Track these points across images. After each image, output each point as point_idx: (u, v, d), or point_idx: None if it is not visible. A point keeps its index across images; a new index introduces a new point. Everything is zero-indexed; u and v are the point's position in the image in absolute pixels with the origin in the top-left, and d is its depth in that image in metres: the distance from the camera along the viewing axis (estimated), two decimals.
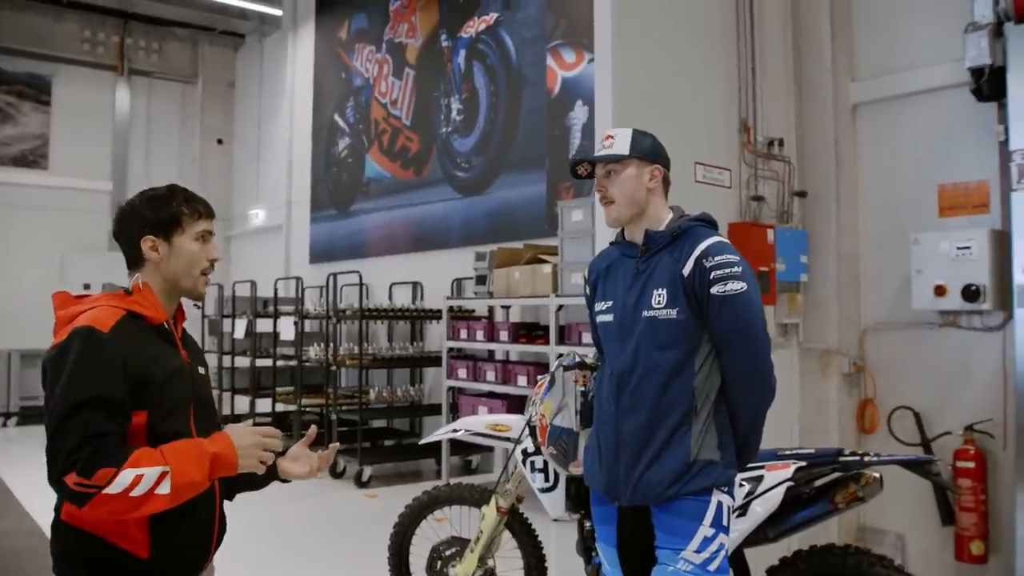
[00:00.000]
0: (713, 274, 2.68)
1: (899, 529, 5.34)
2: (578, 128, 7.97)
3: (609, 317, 2.90)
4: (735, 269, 2.70)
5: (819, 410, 5.48)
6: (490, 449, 8.55)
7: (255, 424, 2.26)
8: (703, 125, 5.05)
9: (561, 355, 6.51)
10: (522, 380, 7.14)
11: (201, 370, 2.33)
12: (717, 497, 2.74)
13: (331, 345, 9.16)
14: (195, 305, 2.49)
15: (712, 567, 2.70)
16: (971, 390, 5.09)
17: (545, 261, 7.12)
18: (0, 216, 13.69)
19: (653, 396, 2.74)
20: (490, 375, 7.49)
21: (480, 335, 7.67)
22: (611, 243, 3.05)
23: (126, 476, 1.90)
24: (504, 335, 7.44)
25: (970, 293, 4.90)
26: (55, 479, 1.94)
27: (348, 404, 9.14)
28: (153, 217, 2.23)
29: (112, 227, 2.31)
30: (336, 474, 8.64)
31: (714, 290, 2.68)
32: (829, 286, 5.57)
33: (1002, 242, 4.92)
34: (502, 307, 8.27)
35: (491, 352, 8.29)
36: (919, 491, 5.10)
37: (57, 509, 2.12)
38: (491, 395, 7.71)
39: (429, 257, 9.99)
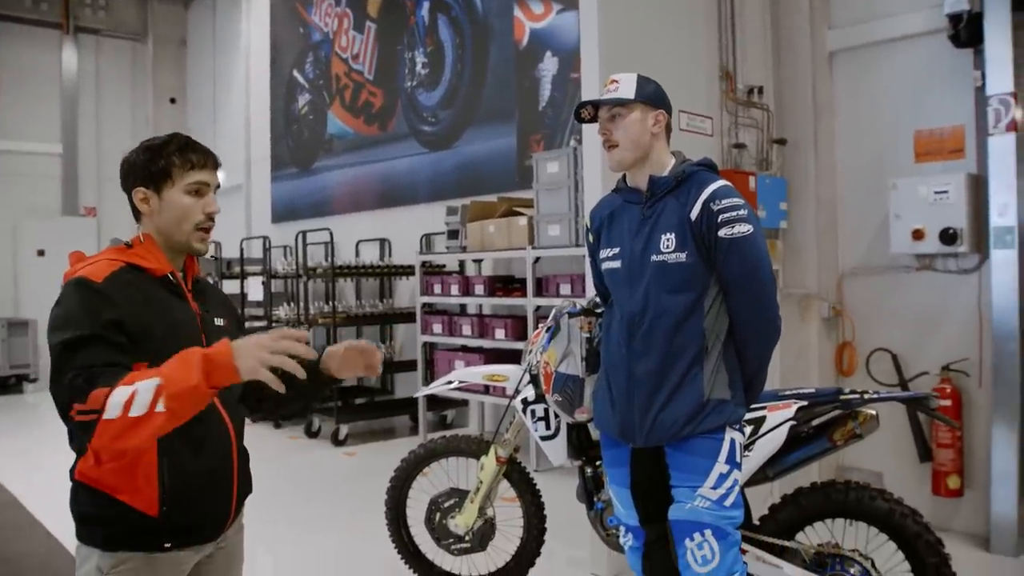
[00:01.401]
0: (720, 217, 2.72)
1: (877, 467, 5.47)
2: (548, 80, 7.93)
3: (616, 264, 2.91)
4: (741, 212, 2.74)
5: (800, 354, 5.57)
6: (465, 403, 8.59)
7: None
8: (685, 73, 5.04)
9: (539, 306, 6.59)
10: (500, 333, 7.17)
11: (219, 321, 2.27)
12: (730, 435, 2.80)
13: (300, 304, 9.09)
14: (212, 256, 2.41)
15: (728, 502, 2.77)
16: (947, 331, 5.20)
17: (520, 214, 7.11)
18: None
19: (665, 339, 2.78)
20: (466, 329, 7.50)
21: (455, 290, 7.66)
22: (613, 190, 3.06)
23: (120, 394, 1.76)
24: (479, 289, 7.44)
25: (947, 236, 5.00)
26: (64, 418, 1.86)
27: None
28: (143, 169, 2.14)
29: None
30: (311, 433, 8.63)
31: (722, 232, 2.71)
32: (808, 232, 5.63)
33: (977, 186, 5.01)
34: (474, 261, 8.26)
35: (463, 307, 8.30)
36: (897, 429, 5.25)
37: (72, 470, 2.09)
38: (466, 349, 7.73)
39: (396, 213, 9.92)
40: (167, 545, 2.07)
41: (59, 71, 14.37)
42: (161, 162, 2.13)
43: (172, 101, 15.25)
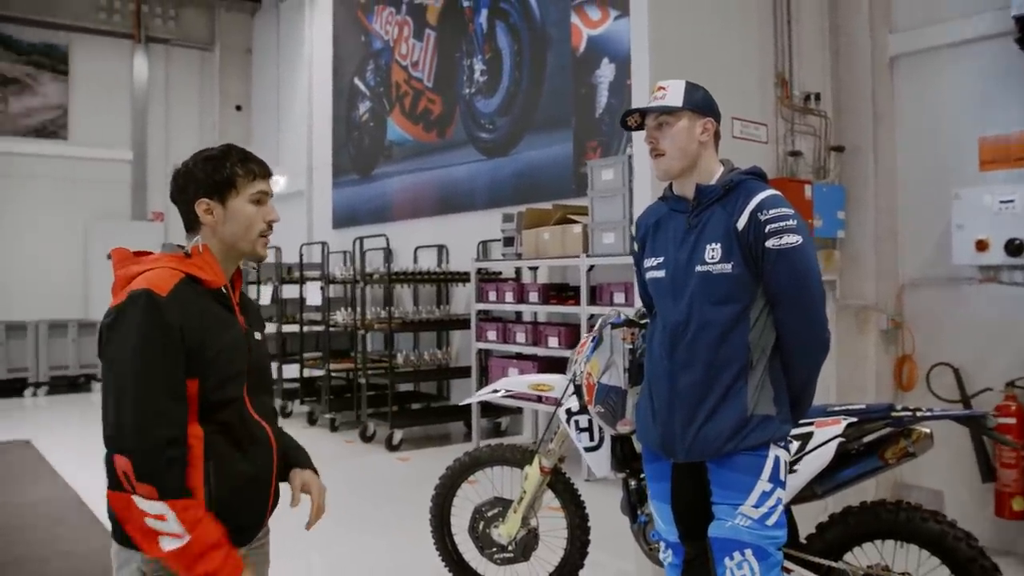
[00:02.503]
0: (768, 227, 2.65)
1: (937, 486, 5.30)
2: (605, 87, 7.88)
3: (661, 273, 2.86)
4: (790, 223, 2.66)
5: (856, 367, 5.43)
6: (519, 411, 8.57)
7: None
8: (739, 79, 4.96)
9: (593, 315, 6.54)
10: (553, 341, 7.13)
11: (258, 335, 2.30)
12: (774, 452, 2.72)
13: (358, 309, 9.16)
14: (252, 267, 2.46)
15: (770, 522, 2.69)
16: (1012, 345, 5.02)
17: (575, 221, 7.07)
18: (22, 187, 13.76)
19: (708, 351, 2.71)
20: (520, 336, 7.48)
21: (509, 297, 7.65)
22: (660, 198, 3.00)
23: (157, 508, 1.92)
24: (534, 296, 7.41)
25: (1013, 247, 4.82)
26: (109, 449, 1.97)
27: (375, 368, 9.16)
28: (207, 179, 2.16)
29: (169, 190, 2.25)
30: (366, 438, 8.69)
31: (769, 243, 2.64)
32: (866, 242, 5.49)
33: None
34: (530, 268, 8.24)
35: (519, 314, 8.28)
36: (958, 447, 5.07)
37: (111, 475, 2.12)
38: (520, 356, 7.71)
39: (454, 220, 9.96)
40: None
41: (130, 80, 14.77)
42: (225, 172, 2.16)
43: (238, 108, 15.55)
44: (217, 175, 2.16)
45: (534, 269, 8.25)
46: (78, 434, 9.57)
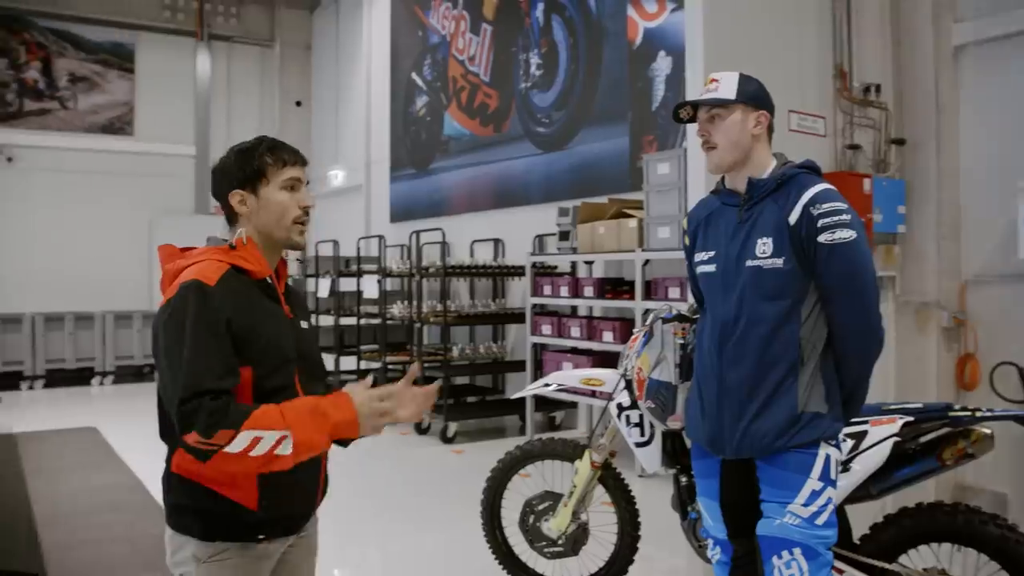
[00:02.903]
0: (821, 222, 2.60)
1: (1001, 488, 5.17)
2: (661, 80, 7.82)
3: (711, 267, 2.83)
4: (844, 217, 2.61)
5: (917, 366, 5.32)
6: (574, 405, 8.57)
7: (373, 382, 2.22)
8: (796, 71, 4.89)
9: (648, 310, 6.50)
10: (608, 336, 7.11)
11: (305, 324, 2.33)
12: (825, 450, 2.68)
13: (414, 302, 9.23)
14: (297, 259, 2.48)
15: (819, 521, 2.65)
16: None
17: (630, 215, 7.03)
18: (91, 183, 14.11)
19: (758, 347, 2.68)
20: (575, 331, 7.47)
21: (564, 291, 7.64)
22: (711, 192, 2.97)
23: (244, 437, 1.92)
24: (589, 291, 7.39)
25: None
26: (179, 437, 1.98)
27: (431, 361, 9.22)
28: (238, 171, 2.20)
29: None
30: (421, 430, 8.76)
31: (822, 238, 2.60)
32: (928, 237, 5.37)
33: None
34: (585, 262, 8.22)
35: (574, 308, 8.27)
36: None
37: (168, 461, 2.16)
38: (575, 351, 7.70)
39: (510, 214, 9.97)
40: (261, 537, 2.14)
41: (193, 76, 15.05)
42: (255, 163, 2.19)
43: (298, 104, 15.74)
44: (247, 166, 2.20)
45: (589, 263, 8.22)
46: (141, 422, 9.69)
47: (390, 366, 9.68)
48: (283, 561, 2.25)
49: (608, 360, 6.95)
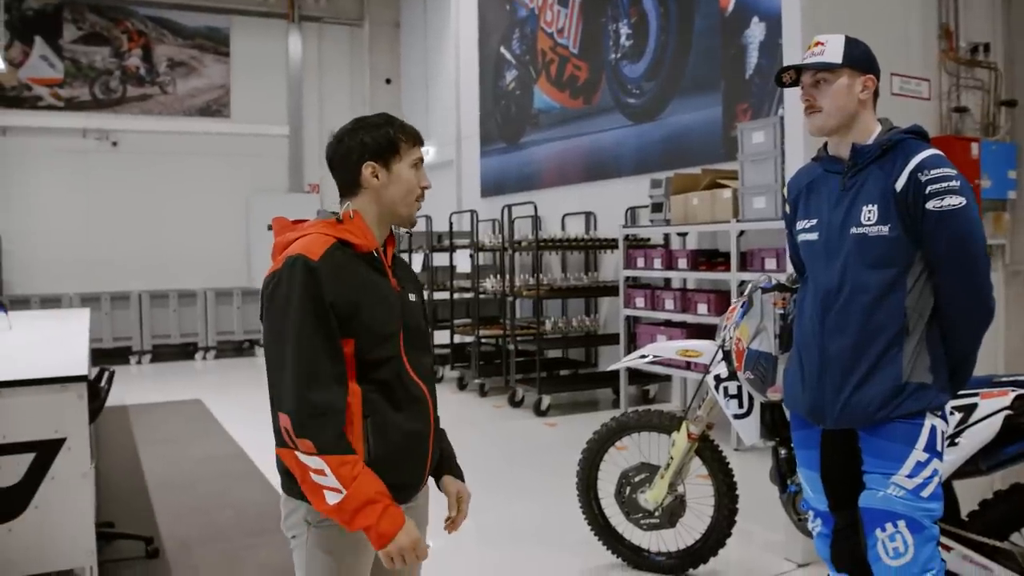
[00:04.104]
0: (929, 188, 2.53)
1: None
2: (755, 47, 7.64)
3: (813, 235, 2.78)
4: (953, 183, 2.54)
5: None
6: (668, 378, 8.52)
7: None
8: (899, 32, 4.71)
9: (744, 281, 6.41)
10: (702, 308, 7.03)
11: (412, 297, 2.35)
12: (931, 421, 2.62)
13: (506, 276, 9.28)
14: (407, 232, 2.52)
15: (925, 493, 2.59)
16: None
17: (725, 186, 6.93)
18: (190, 163, 14.54)
19: (861, 316, 2.63)
20: (668, 304, 7.41)
21: (658, 263, 7.58)
22: (813, 159, 2.91)
23: (317, 462, 2.02)
24: (683, 263, 7.32)
25: None
26: (274, 410, 2.09)
27: (524, 335, 9.27)
28: (373, 143, 2.23)
29: (326, 155, 2.32)
30: (515, 403, 8.83)
31: (930, 205, 2.53)
32: None
33: None
34: (678, 234, 8.13)
35: (667, 280, 8.20)
36: None
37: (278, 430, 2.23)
38: (668, 323, 7.64)
39: (601, 186, 9.91)
40: None
41: (285, 58, 15.33)
42: (391, 137, 2.24)
43: (387, 82, 15.89)
44: (383, 139, 2.23)
45: (683, 235, 8.13)
46: (243, 394, 10.13)
47: (483, 340, 9.77)
48: None
49: (703, 332, 6.88)
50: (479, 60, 12.79)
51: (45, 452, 3.81)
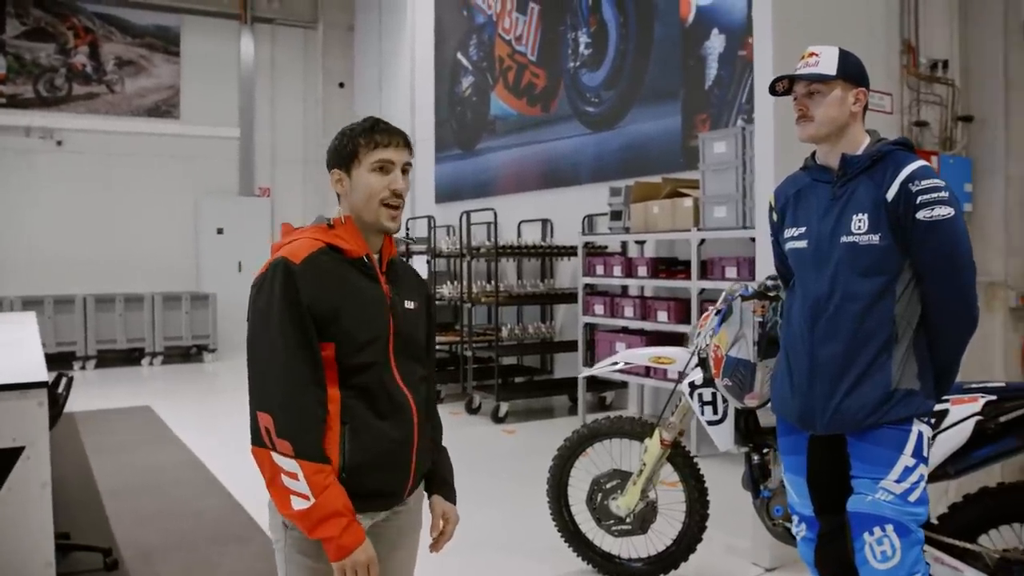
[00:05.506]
0: (920, 199, 2.60)
1: None
2: (714, 58, 7.75)
3: (802, 244, 2.83)
4: (943, 194, 2.62)
5: (983, 346, 5.24)
6: (624, 385, 8.56)
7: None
8: (863, 47, 4.73)
9: (704, 289, 6.48)
10: (662, 315, 7.09)
11: (411, 304, 2.31)
12: (918, 427, 2.68)
13: (464, 283, 9.26)
14: (405, 240, 2.49)
15: (912, 498, 2.65)
16: None
17: (685, 195, 7.00)
18: (138, 165, 14.26)
19: (852, 323, 2.69)
20: (628, 311, 7.46)
21: (617, 271, 7.63)
22: (801, 168, 2.97)
23: (291, 465, 2.01)
24: (643, 270, 7.38)
25: None
26: (253, 408, 2.09)
27: (480, 342, 9.25)
28: (334, 151, 2.25)
29: None
30: (472, 410, 8.80)
31: (920, 215, 2.60)
32: (995, 215, 5.30)
33: None
34: (636, 242, 8.19)
35: (625, 288, 8.25)
36: None
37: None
38: (626, 331, 7.69)
39: (558, 194, 9.95)
40: None
41: (237, 59, 15.14)
42: (349, 144, 2.22)
43: (340, 85, 15.77)
44: (342, 147, 2.23)
45: (641, 243, 8.19)
46: (193, 400, 9.96)
47: (439, 346, 9.73)
48: (378, 535, 2.24)
49: (663, 340, 6.95)
50: (435, 65, 12.77)
51: (2, 461, 3.65)
